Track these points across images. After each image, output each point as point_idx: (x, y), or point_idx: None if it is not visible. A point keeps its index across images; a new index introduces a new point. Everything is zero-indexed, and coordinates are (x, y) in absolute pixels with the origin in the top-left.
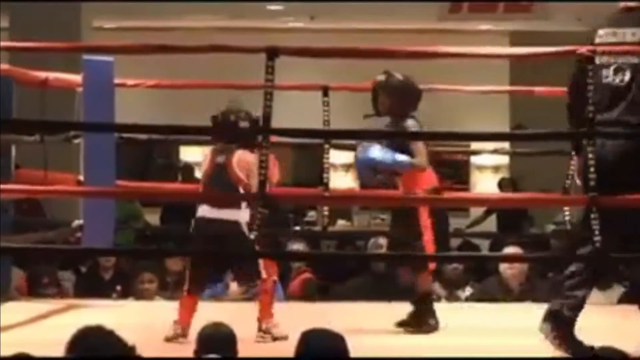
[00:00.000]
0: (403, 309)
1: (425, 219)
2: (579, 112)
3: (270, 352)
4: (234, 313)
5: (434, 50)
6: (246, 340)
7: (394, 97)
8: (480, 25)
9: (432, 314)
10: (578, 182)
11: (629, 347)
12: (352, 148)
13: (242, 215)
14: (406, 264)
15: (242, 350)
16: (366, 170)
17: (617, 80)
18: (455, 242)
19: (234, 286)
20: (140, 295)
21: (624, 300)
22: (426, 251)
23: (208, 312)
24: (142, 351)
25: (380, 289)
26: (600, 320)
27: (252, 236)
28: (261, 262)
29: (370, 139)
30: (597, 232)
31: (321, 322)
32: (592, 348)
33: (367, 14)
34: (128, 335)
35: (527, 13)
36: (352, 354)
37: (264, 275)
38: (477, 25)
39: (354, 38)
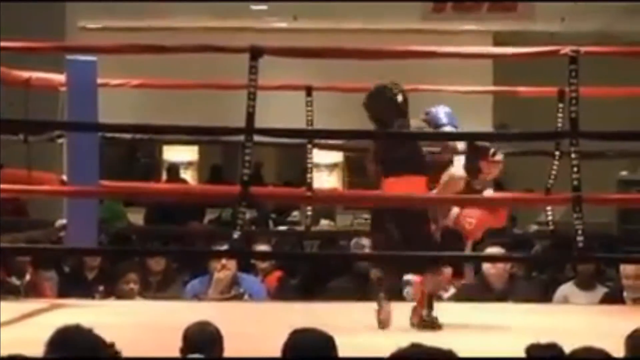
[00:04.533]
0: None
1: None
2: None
3: (257, 351)
4: (217, 312)
5: (417, 50)
6: (231, 339)
7: None
8: (463, 25)
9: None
10: None
11: (610, 347)
12: (334, 148)
13: None
14: (389, 263)
15: (228, 350)
16: None
17: None
18: None
19: (214, 287)
20: (122, 295)
21: (606, 300)
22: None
23: (191, 312)
24: (126, 351)
25: (363, 289)
26: (582, 320)
27: (235, 235)
28: None
29: (353, 139)
30: (580, 232)
31: (306, 322)
32: None
33: (350, 14)
34: (111, 334)
35: (511, 13)
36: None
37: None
38: (460, 25)
39: (337, 38)
